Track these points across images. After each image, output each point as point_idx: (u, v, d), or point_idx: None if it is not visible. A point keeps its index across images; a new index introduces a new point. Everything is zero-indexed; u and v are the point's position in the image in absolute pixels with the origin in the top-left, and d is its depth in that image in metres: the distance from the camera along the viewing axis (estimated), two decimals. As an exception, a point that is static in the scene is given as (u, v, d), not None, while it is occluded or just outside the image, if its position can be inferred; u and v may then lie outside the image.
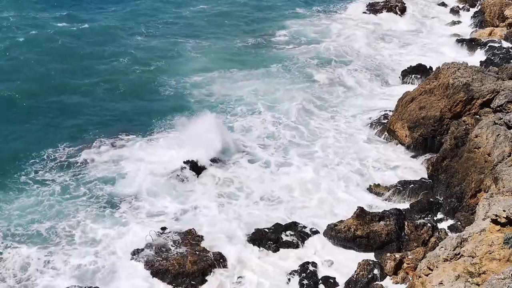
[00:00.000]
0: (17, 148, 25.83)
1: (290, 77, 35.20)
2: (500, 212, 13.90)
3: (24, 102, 30.15)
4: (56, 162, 24.99)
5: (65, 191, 22.95)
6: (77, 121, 28.83)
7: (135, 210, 21.98)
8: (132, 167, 24.39)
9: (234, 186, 23.77)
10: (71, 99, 31.18)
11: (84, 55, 37.55)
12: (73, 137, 27.12)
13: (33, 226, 20.70)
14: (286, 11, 50.97)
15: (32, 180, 23.57)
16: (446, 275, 13.54)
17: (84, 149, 25.99)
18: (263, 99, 31.90)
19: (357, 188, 23.73)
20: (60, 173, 24.18)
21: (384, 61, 38.86)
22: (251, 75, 35.29)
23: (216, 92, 32.78)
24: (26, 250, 19.38)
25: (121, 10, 48.91)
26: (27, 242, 19.88)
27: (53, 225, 20.84)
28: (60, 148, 26.08)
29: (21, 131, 27.48)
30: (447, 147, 23.41)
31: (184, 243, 19.37)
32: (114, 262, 19.11)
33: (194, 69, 36.15)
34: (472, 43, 40.12)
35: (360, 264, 18.39)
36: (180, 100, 31.79)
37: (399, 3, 51.26)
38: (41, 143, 26.28)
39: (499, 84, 25.22)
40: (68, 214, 21.49)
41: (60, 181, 23.61)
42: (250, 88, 33.11)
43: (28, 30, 41.13)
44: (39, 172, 24.16)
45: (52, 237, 20.23)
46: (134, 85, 33.42)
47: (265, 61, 37.84)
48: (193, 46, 40.26)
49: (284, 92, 32.73)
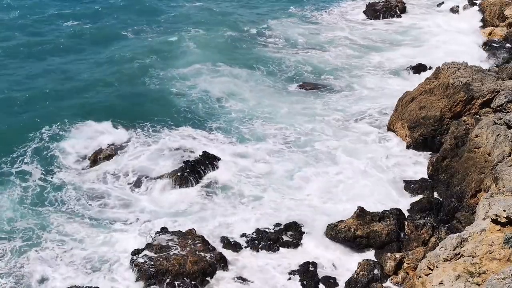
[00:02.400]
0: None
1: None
2: (500, 212, 13.90)
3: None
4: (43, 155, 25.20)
5: (63, 188, 23.09)
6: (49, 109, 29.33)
7: (135, 210, 21.98)
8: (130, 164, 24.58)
9: (234, 186, 23.74)
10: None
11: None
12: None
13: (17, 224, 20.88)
14: (279, 10, 51.05)
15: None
16: (446, 275, 13.54)
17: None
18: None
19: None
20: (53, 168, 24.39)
21: (385, 60, 38.84)
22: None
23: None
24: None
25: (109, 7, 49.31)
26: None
27: (50, 223, 20.92)
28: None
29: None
30: (447, 147, 23.40)
31: (184, 243, 19.36)
32: (114, 262, 19.11)
33: (183, 63, 36.52)
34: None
35: (360, 264, 18.40)
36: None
37: (399, 3, 51.25)
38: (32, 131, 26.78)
39: (499, 84, 25.22)
40: (68, 213, 21.53)
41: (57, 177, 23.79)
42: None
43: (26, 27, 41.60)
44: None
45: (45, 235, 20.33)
46: (121, 76, 33.97)
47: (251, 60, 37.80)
48: (182, 40, 40.73)
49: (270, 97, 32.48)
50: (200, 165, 24.34)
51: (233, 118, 29.56)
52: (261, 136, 27.69)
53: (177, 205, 22.44)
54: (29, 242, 19.95)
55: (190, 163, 24.26)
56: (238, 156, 25.81)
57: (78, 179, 23.92)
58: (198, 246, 19.30)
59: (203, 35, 42.24)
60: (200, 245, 19.34)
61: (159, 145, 26.35)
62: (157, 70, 35.24)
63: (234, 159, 25.50)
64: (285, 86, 34.16)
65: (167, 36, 41.55)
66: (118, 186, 23.56)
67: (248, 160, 25.55)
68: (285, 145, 27.05)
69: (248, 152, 26.17)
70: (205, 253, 19.01)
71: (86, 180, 23.86)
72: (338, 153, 26.06)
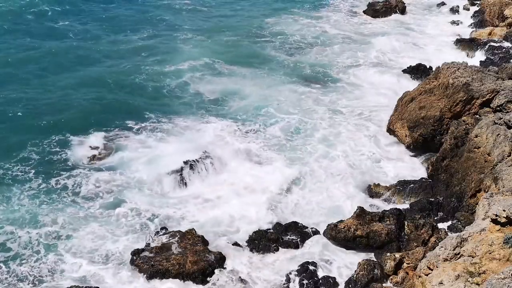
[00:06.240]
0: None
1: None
2: (500, 211, 13.92)
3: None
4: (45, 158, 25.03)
5: (65, 190, 23.00)
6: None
7: (135, 210, 21.99)
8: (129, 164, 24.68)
9: (233, 185, 23.75)
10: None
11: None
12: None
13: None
14: (279, 8, 51.28)
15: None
16: (446, 275, 13.54)
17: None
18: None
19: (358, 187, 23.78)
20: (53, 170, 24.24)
21: (386, 60, 38.92)
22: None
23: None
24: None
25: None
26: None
27: (49, 224, 20.89)
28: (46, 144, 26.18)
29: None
30: (447, 147, 23.40)
31: (184, 243, 19.36)
32: (114, 262, 19.11)
33: (183, 59, 36.86)
34: (472, 43, 40.14)
35: (360, 264, 18.39)
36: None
37: (399, 3, 51.34)
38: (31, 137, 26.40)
39: (499, 83, 25.22)
40: (68, 212, 21.54)
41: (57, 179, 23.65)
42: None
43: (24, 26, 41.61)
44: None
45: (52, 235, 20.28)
46: (120, 75, 34.09)
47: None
48: (182, 40, 40.98)
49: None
50: (200, 165, 24.34)
51: (233, 118, 29.67)
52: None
53: (177, 205, 22.43)
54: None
55: (190, 162, 24.26)
56: (238, 157, 25.85)
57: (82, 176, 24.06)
58: (198, 246, 19.30)
59: (203, 34, 42.35)
60: (200, 245, 19.35)
61: (159, 145, 26.38)
62: (156, 69, 35.38)
63: (233, 159, 25.55)
64: (285, 84, 34.26)
65: (167, 36, 41.67)
66: (118, 185, 23.56)
67: (247, 161, 25.60)
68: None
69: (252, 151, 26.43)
70: (205, 253, 19.02)
71: (88, 178, 23.91)
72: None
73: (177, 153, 25.08)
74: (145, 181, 23.73)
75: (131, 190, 23.15)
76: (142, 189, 23.26)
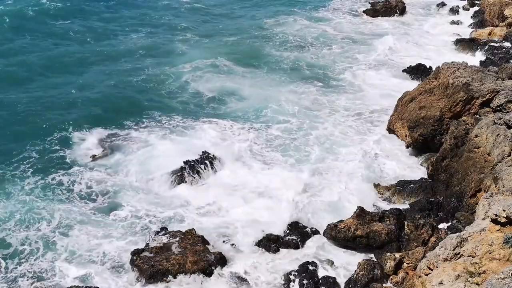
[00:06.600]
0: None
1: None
2: (500, 211, 13.91)
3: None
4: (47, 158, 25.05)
5: (62, 189, 23.02)
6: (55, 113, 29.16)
7: (134, 210, 21.98)
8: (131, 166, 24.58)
9: (233, 186, 23.73)
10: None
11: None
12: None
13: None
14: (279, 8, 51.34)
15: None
16: (446, 275, 13.54)
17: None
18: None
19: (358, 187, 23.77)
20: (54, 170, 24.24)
21: (386, 60, 38.94)
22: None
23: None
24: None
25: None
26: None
27: (49, 225, 20.87)
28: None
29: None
30: (447, 147, 23.39)
31: (184, 243, 19.35)
32: (114, 262, 19.11)
33: (183, 59, 37.00)
34: (472, 43, 40.14)
35: (360, 264, 18.38)
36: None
37: (399, 3, 51.39)
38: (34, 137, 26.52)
39: (499, 83, 25.21)
40: (67, 211, 21.52)
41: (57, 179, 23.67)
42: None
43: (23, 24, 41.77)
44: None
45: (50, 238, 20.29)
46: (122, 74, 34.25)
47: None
48: (182, 40, 41.05)
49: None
50: (200, 165, 24.34)
51: (233, 118, 29.66)
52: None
53: (177, 205, 22.43)
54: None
55: (190, 163, 24.27)
56: (238, 157, 25.84)
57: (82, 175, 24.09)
58: (198, 246, 19.29)
59: (203, 34, 42.41)
60: (200, 245, 19.34)
61: (159, 145, 26.34)
62: (156, 69, 35.47)
63: (234, 159, 25.55)
64: (285, 83, 34.24)
65: (168, 36, 41.73)
66: (118, 185, 23.56)
67: (247, 161, 25.58)
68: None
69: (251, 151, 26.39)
70: (205, 253, 19.01)
71: (88, 177, 23.92)
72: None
73: (177, 153, 25.10)
74: (145, 181, 23.72)
75: (131, 190, 23.14)
76: (142, 189, 23.26)
